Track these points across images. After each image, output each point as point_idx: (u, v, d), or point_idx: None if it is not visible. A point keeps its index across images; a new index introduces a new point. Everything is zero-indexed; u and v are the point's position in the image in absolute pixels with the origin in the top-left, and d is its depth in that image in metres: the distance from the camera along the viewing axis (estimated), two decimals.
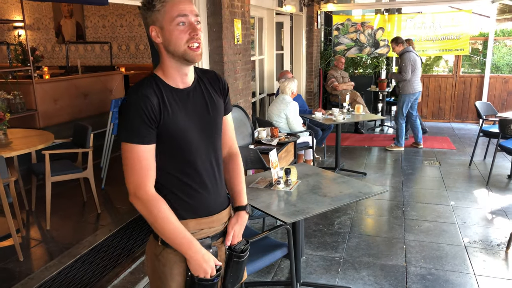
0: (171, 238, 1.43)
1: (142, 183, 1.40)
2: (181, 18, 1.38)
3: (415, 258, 3.37)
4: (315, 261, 3.36)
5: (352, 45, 8.84)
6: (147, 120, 1.37)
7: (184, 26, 1.39)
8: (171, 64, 1.45)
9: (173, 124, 1.42)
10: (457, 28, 8.22)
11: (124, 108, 1.39)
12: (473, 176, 5.37)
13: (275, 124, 4.99)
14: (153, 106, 1.38)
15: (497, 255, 3.42)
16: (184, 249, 1.45)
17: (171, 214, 1.42)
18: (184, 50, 1.40)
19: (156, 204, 1.41)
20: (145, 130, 1.38)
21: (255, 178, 2.94)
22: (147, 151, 1.40)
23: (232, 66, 4.40)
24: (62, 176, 3.96)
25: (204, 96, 1.53)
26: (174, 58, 1.43)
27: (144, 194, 1.40)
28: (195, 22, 1.41)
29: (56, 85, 6.22)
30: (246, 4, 4.69)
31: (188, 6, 1.40)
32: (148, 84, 1.43)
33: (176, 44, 1.40)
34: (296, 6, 7.33)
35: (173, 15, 1.38)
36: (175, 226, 1.42)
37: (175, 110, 1.43)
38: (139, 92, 1.39)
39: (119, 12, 9.42)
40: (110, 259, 3.23)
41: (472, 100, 8.39)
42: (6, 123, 3.99)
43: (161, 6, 1.38)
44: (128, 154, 1.39)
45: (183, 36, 1.39)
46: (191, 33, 1.40)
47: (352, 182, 2.81)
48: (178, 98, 1.46)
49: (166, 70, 1.47)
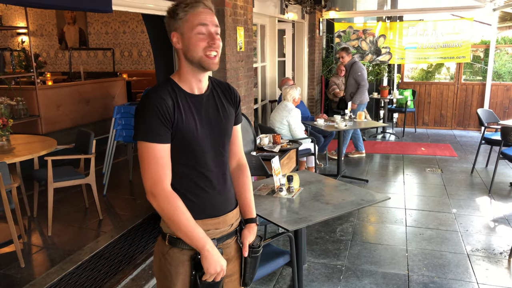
0: (188, 234, 1.47)
1: (159, 180, 1.45)
2: (201, 27, 1.46)
3: (417, 266, 3.36)
4: (317, 269, 3.35)
5: (354, 52, 8.86)
6: (163, 119, 1.43)
7: (204, 35, 1.47)
8: (187, 70, 1.53)
9: (185, 127, 1.48)
10: (458, 35, 8.25)
11: (141, 108, 1.46)
12: (475, 183, 5.36)
13: (277, 131, 5.00)
14: (168, 107, 1.44)
15: (500, 263, 3.40)
16: (201, 245, 1.48)
17: (186, 211, 1.47)
18: (201, 57, 1.47)
19: (173, 201, 1.46)
20: (161, 129, 1.44)
21: (257, 185, 2.94)
22: (163, 149, 1.46)
23: (235, 73, 4.41)
24: (64, 182, 3.97)
25: (216, 104, 1.60)
26: (192, 64, 1.51)
27: (161, 190, 1.45)
28: (214, 32, 1.49)
29: (58, 91, 6.24)
30: (248, 11, 4.72)
31: (209, 16, 1.48)
32: (164, 87, 1.50)
33: (194, 50, 1.47)
34: (298, 13, 7.37)
35: (194, 23, 1.46)
36: (191, 223, 1.47)
37: (187, 114, 1.50)
38: (155, 94, 1.47)
39: (122, 18, 9.48)
40: (111, 266, 3.23)
41: (474, 108, 8.39)
42: (9, 129, 4.00)
43: (184, 15, 1.47)
44: (145, 152, 1.45)
45: (201, 44, 1.47)
46: (209, 42, 1.47)
47: (354, 189, 2.81)
48: (191, 102, 1.53)
49: (182, 75, 1.54)
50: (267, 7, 5.90)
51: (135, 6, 3.40)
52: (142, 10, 3.56)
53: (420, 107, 8.90)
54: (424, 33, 8.46)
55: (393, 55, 8.68)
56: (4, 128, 3.94)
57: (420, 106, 8.88)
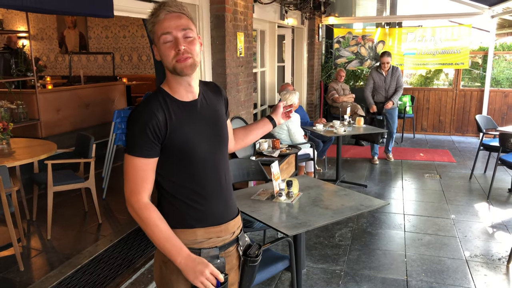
0: (161, 244, 1.47)
1: (135, 191, 1.47)
2: (165, 36, 1.44)
3: (416, 272, 3.37)
4: (316, 274, 3.35)
5: (353, 58, 8.90)
6: (151, 135, 1.43)
7: (170, 42, 1.45)
8: (173, 78, 1.52)
9: (180, 136, 1.48)
10: (457, 42, 8.30)
11: (131, 121, 1.46)
12: (473, 189, 5.37)
13: (277, 136, 5.01)
14: (158, 122, 1.43)
15: (498, 269, 3.41)
16: (173, 256, 1.46)
17: (161, 222, 1.47)
18: (173, 65, 1.46)
19: (145, 212, 1.46)
20: (147, 145, 1.44)
21: (256, 190, 2.95)
22: (145, 164, 1.46)
23: (235, 78, 4.43)
24: (64, 186, 3.97)
25: (209, 108, 1.59)
26: (171, 72, 1.50)
27: (136, 202, 1.47)
28: (182, 36, 1.45)
29: (58, 95, 6.26)
30: (249, 17, 4.75)
31: (173, 22, 1.44)
32: (155, 100, 1.49)
33: (165, 60, 1.47)
34: (298, 19, 7.41)
35: (158, 34, 1.45)
36: (163, 234, 1.46)
37: (181, 123, 1.49)
38: (146, 108, 1.46)
39: (122, 23, 9.51)
40: (110, 270, 3.23)
41: (472, 114, 8.42)
42: (9, 132, 4.01)
43: (152, 27, 1.47)
44: (127, 163, 1.48)
45: (169, 53, 1.45)
46: (176, 49, 1.44)
47: (353, 194, 2.82)
48: (184, 110, 1.51)
49: (170, 84, 1.53)
50: (267, 12, 5.94)
51: (136, 11, 3.42)
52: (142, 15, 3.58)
53: (418, 113, 8.93)
54: (423, 39, 8.50)
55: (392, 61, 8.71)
56: (4, 132, 3.95)
57: (419, 111, 8.91)
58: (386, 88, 6.49)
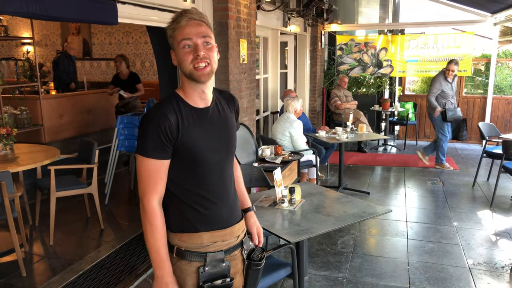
0: (150, 251, 1.52)
1: (147, 193, 1.51)
2: (186, 41, 1.49)
3: (418, 280, 3.35)
4: (318, 281, 3.34)
5: (356, 65, 8.92)
6: (163, 138, 1.47)
7: (190, 48, 1.49)
8: (187, 84, 1.56)
9: (191, 141, 1.51)
10: (459, 49, 8.30)
11: (144, 123, 1.50)
12: (476, 197, 5.35)
13: (279, 142, 5.02)
14: (171, 125, 1.47)
15: (502, 277, 3.39)
16: (155, 266, 1.52)
17: (159, 230, 1.51)
18: (190, 70, 1.50)
19: (150, 216, 1.51)
20: (159, 147, 1.48)
21: (259, 196, 2.95)
22: (158, 165, 1.50)
23: (238, 84, 4.45)
24: (67, 191, 3.98)
25: (221, 116, 1.63)
26: (188, 78, 1.54)
27: (146, 204, 1.51)
28: (202, 43, 1.50)
29: (62, 101, 6.29)
30: (252, 24, 4.77)
31: (194, 28, 1.49)
32: (169, 103, 1.53)
33: (183, 65, 1.51)
34: (301, 26, 7.44)
35: (178, 39, 1.50)
36: (155, 243, 1.50)
37: (193, 128, 1.52)
38: (159, 110, 1.50)
39: (125, 29, 9.57)
40: (113, 276, 3.23)
41: (475, 121, 8.41)
42: (13, 138, 4.02)
43: (172, 32, 1.52)
44: (140, 164, 1.52)
45: (188, 58, 1.50)
46: (194, 54, 1.49)
47: (356, 201, 2.82)
48: (196, 116, 1.55)
49: (185, 90, 1.57)
50: (270, 20, 5.96)
51: (139, 19, 3.44)
52: (146, 23, 3.61)
53: (421, 120, 8.92)
54: (425, 46, 8.52)
55: (394, 68, 8.74)
56: (8, 137, 3.96)
57: (422, 118, 8.90)
58: (453, 95, 6.50)
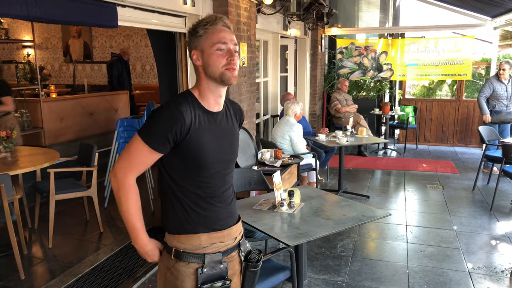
0: (126, 225, 1.57)
1: (129, 171, 1.54)
2: (220, 44, 1.52)
3: (418, 284, 3.34)
4: (317, 285, 3.33)
5: (356, 69, 8.93)
6: (170, 135, 1.48)
7: (223, 51, 1.53)
8: (207, 86, 1.57)
9: (196, 143, 1.53)
10: (460, 53, 8.31)
11: (159, 111, 1.51)
12: (476, 201, 5.35)
13: (279, 146, 5.02)
14: (183, 126, 1.48)
15: (502, 281, 3.38)
16: (132, 239, 1.60)
17: (134, 205, 1.55)
18: (222, 71, 1.53)
19: (128, 192, 1.54)
20: (162, 140, 1.49)
21: (258, 199, 2.94)
22: (151, 154, 1.51)
23: (238, 88, 4.46)
24: (66, 194, 3.98)
25: (228, 123, 1.66)
26: (211, 79, 1.55)
27: (124, 179, 1.53)
28: (233, 50, 1.55)
29: (62, 104, 6.29)
30: (252, 28, 4.78)
31: (228, 35, 1.54)
32: (187, 102, 1.54)
33: (215, 66, 1.53)
34: (301, 30, 7.46)
35: (213, 41, 1.52)
36: (132, 218, 1.55)
37: (203, 131, 1.54)
38: (176, 108, 1.50)
39: (126, 33, 9.59)
40: (111, 279, 3.22)
41: (476, 125, 8.40)
42: (13, 141, 4.03)
43: (204, 32, 1.53)
44: (135, 144, 1.52)
45: (221, 60, 1.52)
46: (228, 58, 1.53)
47: (355, 205, 2.81)
48: (207, 119, 1.57)
49: (202, 92, 1.59)
50: (270, 23, 5.98)
51: (140, 22, 3.45)
52: (147, 26, 3.62)
53: (421, 124, 8.92)
54: (426, 50, 8.52)
55: (394, 72, 8.74)
56: (8, 140, 3.96)
57: (422, 122, 8.91)
58: (508, 96, 6.36)
